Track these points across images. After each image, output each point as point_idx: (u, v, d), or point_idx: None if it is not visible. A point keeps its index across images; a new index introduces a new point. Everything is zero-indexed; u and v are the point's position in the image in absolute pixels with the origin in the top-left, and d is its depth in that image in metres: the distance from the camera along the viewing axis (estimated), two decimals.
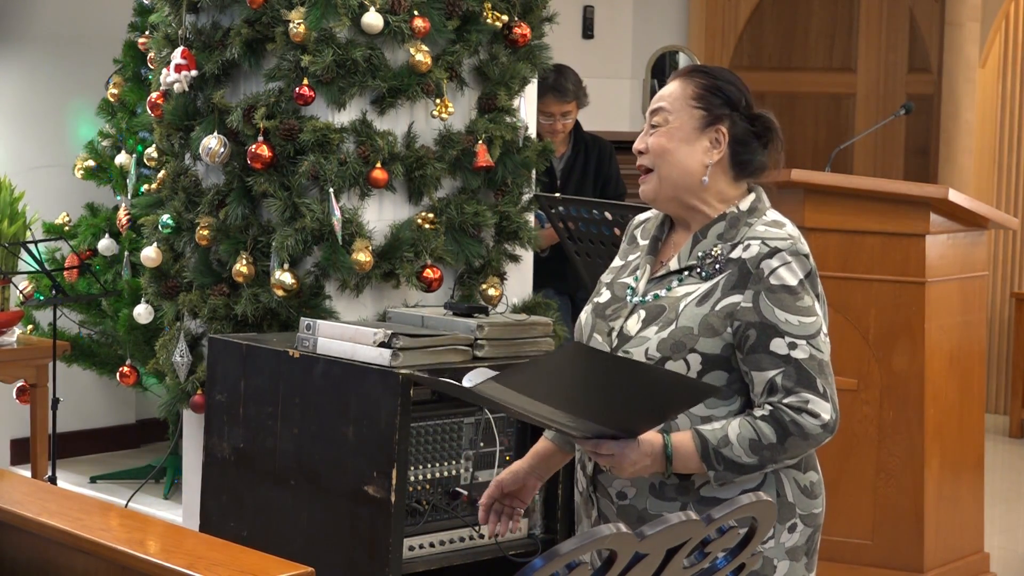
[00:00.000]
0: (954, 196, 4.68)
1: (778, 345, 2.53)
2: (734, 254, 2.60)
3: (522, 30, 4.58)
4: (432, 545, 3.86)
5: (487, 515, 2.84)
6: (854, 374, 4.72)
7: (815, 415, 2.52)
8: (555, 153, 5.11)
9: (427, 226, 4.41)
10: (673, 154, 2.64)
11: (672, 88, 2.68)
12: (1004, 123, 8.15)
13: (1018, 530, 6.18)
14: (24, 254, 5.18)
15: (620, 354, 2.59)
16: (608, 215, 4.50)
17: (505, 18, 4.53)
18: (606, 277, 2.78)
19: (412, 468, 3.82)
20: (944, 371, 4.80)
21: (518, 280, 4.75)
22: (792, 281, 2.56)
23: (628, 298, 2.68)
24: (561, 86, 5.49)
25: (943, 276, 4.77)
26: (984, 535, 5.06)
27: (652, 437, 2.51)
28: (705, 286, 2.60)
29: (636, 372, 2.42)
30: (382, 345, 3.73)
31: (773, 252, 2.57)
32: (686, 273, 2.64)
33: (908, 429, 4.70)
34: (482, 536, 3.95)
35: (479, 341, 3.89)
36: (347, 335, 3.82)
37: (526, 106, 4.67)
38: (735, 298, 2.56)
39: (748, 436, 2.51)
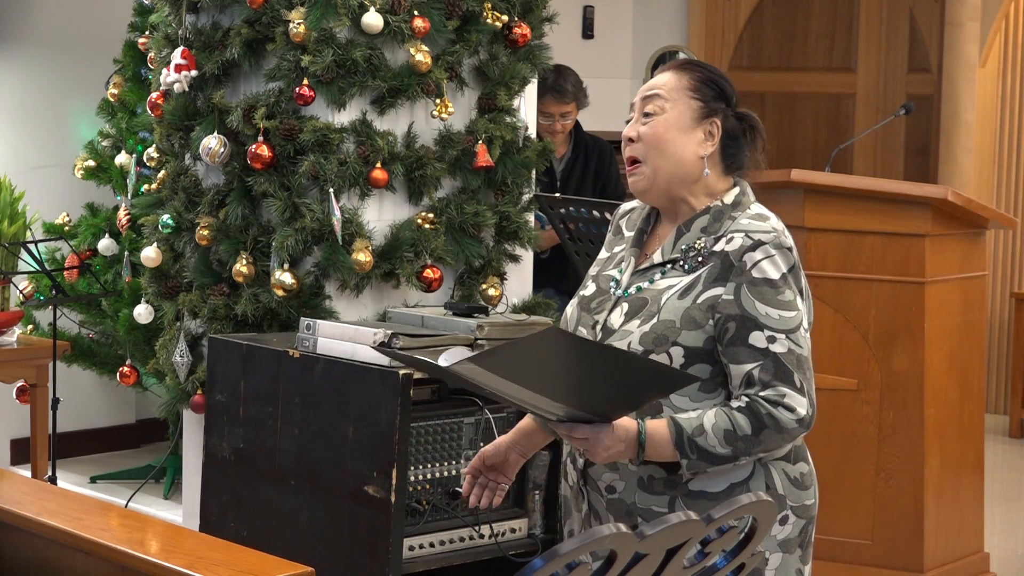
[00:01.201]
0: (954, 196, 4.68)
1: (757, 338, 2.53)
2: (717, 247, 2.60)
3: (522, 30, 4.58)
4: (432, 545, 3.86)
5: (471, 486, 2.84)
6: (854, 374, 4.71)
7: (791, 409, 2.52)
8: (555, 154, 5.11)
9: (427, 226, 4.41)
10: (669, 144, 2.63)
11: (667, 78, 2.67)
12: (1004, 123, 8.15)
13: (1018, 530, 6.18)
14: (24, 254, 5.18)
15: None
16: (608, 215, 4.50)
17: (505, 18, 4.53)
18: (592, 270, 2.78)
19: (412, 468, 3.82)
20: (944, 371, 4.79)
21: (518, 280, 4.76)
22: (774, 275, 2.56)
23: (612, 291, 2.68)
24: (560, 87, 5.49)
25: (943, 276, 4.77)
26: (984, 535, 5.06)
27: (627, 423, 2.51)
28: (687, 279, 2.59)
29: (612, 358, 2.41)
30: (382, 345, 3.73)
31: (756, 245, 2.57)
32: (669, 266, 2.63)
33: (908, 429, 4.70)
34: (482, 536, 3.95)
35: (479, 341, 3.89)
36: (347, 335, 3.82)
37: (526, 106, 4.67)
38: (717, 290, 2.56)
39: (723, 426, 2.51)
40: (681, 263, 2.62)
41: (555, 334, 2.36)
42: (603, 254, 2.80)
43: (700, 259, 2.60)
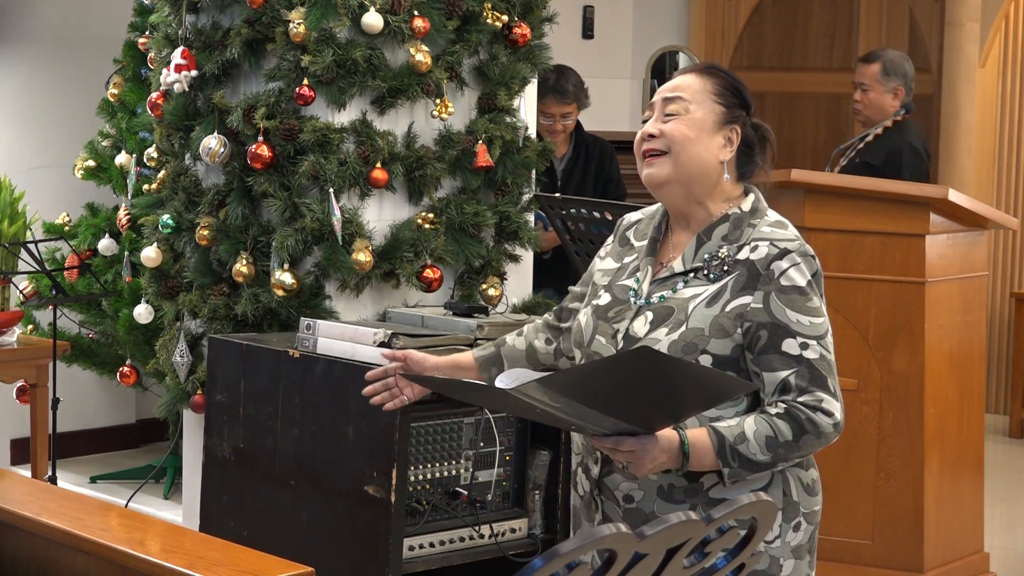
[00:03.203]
0: (954, 196, 4.68)
1: (790, 345, 2.54)
2: (741, 255, 2.60)
3: (522, 30, 4.58)
4: (432, 545, 3.86)
5: (377, 377, 2.88)
6: (854, 374, 4.71)
7: (829, 414, 2.54)
8: (556, 154, 5.11)
9: (427, 226, 4.41)
10: (694, 144, 2.63)
11: (690, 80, 2.68)
12: (1004, 123, 8.15)
13: (1018, 530, 6.18)
14: (24, 254, 5.18)
15: None
16: (609, 215, 4.50)
17: (505, 18, 4.53)
18: (601, 279, 2.76)
19: (412, 468, 3.82)
20: (944, 371, 4.80)
21: (518, 280, 4.76)
22: (802, 282, 2.57)
23: (631, 300, 2.67)
24: (561, 87, 5.49)
25: (943, 276, 4.77)
26: (984, 535, 5.06)
27: (669, 433, 2.50)
28: (713, 287, 2.60)
29: (692, 373, 2.40)
30: (382, 345, 3.73)
31: (783, 253, 2.58)
32: (691, 275, 2.63)
33: (908, 429, 4.70)
34: (482, 536, 3.95)
35: (479, 341, 3.88)
36: (347, 335, 3.82)
37: (526, 106, 4.68)
38: (745, 299, 2.57)
39: (765, 433, 2.51)
40: (705, 272, 2.62)
41: (649, 354, 2.34)
42: (610, 264, 2.78)
43: (725, 268, 2.60)
